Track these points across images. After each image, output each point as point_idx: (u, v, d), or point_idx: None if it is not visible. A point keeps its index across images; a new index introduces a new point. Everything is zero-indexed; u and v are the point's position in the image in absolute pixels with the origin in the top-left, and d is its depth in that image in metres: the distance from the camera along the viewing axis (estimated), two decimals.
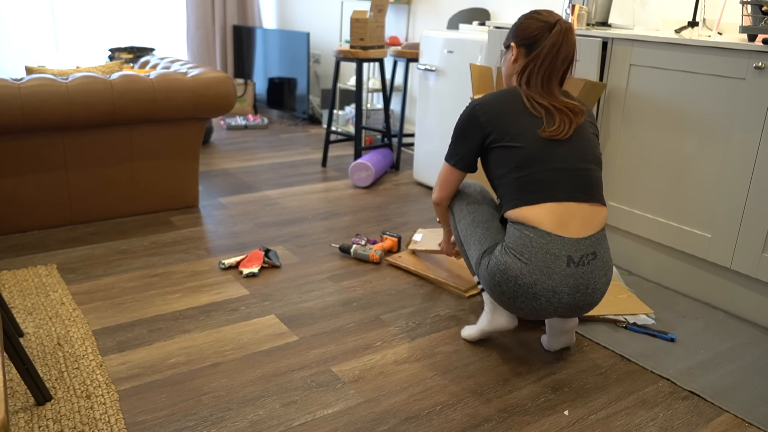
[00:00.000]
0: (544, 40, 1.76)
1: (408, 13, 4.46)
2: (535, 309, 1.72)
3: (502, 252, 1.72)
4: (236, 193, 3.40)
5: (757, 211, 2.11)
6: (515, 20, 1.81)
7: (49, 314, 2.07)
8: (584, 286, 1.70)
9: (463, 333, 2.02)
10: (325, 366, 1.86)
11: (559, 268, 1.67)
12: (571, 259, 1.67)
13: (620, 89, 2.46)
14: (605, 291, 1.77)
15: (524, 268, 1.67)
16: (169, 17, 5.44)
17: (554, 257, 1.66)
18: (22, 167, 2.65)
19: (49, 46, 4.91)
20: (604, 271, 1.74)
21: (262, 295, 2.27)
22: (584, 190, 1.72)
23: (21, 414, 1.59)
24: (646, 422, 1.67)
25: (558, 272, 1.67)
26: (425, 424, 1.62)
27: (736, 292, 2.24)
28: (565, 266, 1.67)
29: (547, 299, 1.69)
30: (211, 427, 1.58)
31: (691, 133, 2.27)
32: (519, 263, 1.68)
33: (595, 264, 1.71)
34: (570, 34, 1.76)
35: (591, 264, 1.70)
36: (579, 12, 2.66)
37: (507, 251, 1.71)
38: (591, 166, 1.75)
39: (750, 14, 2.15)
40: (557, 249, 1.67)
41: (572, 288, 1.68)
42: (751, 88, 2.06)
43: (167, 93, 2.80)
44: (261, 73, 5.42)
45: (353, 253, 2.61)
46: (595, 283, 1.71)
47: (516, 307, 1.75)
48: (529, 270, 1.67)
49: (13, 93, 2.47)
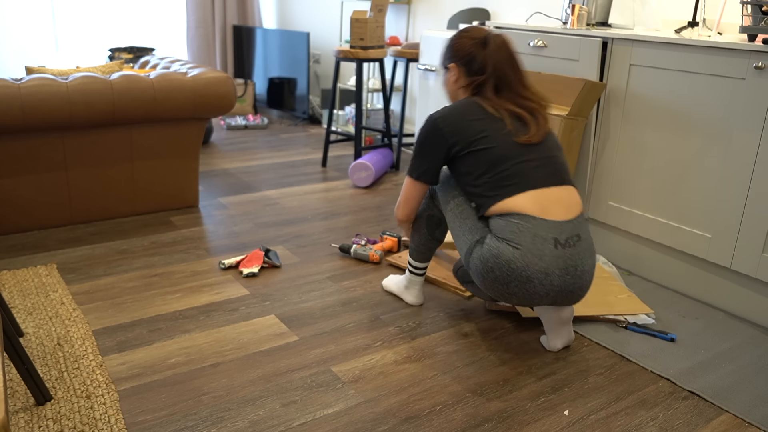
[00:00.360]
0: (479, 56, 1.88)
1: (408, 13, 4.46)
2: (528, 293, 1.76)
3: (493, 239, 1.77)
4: (236, 193, 3.40)
5: (757, 211, 2.11)
6: (447, 41, 1.95)
7: (49, 314, 2.07)
8: (573, 267, 1.76)
9: (384, 282, 2.33)
10: (325, 366, 1.86)
11: (548, 250, 1.73)
12: (557, 241, 1.74)
13: (620, 89, 2.46)
14: (592, 274, 1.83)
15: (516, 252, 1.73)
16: (169, 17, 5.44)
17: (542, 240, 1.73)
18: (22, 167, 2.65)
19: (49, 46, 4.91)
20: (590, 253, 1.81)
21: (262, 295, 2.27)
22: (556, 175, 1.83)
23: (21, 414, 1.59)
24: (646, 422, 1.67)
25: (548, 254, 1.73)
26: (425, 424, 1.62)
27: (736, 292, 2.24)
28: (553, 248, 1.73)
29: (540, 281, 1.73)
30: (211, 427, 1.58)
31: (691, 133, 2.27)
32: (510, 248, 1.73)
33: (581, 246, 1.78)
34: (506, 45, 1.89)
35: (577, 246, 1.77)
36: (579, 12, 2.66)
37: (498, 239, 1.77)
38: (556, 153, 1.87)
39: (750, 14, 2.15)
40: (544, 232, 1.74)
41: (562, 269, 1.74)
42: (751, 88, 2.06)
43: (167, 93, 2.80)
44: (261, 73, 5.42)
45: (353, 253, 2.61)
46: (583, 265, 1.78)
47: (509, 292, 1.78)
48: (521, 254, 1.72)
49: (13, 93, 2.47)
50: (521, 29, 2.80)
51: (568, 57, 2.59)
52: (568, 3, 2.77)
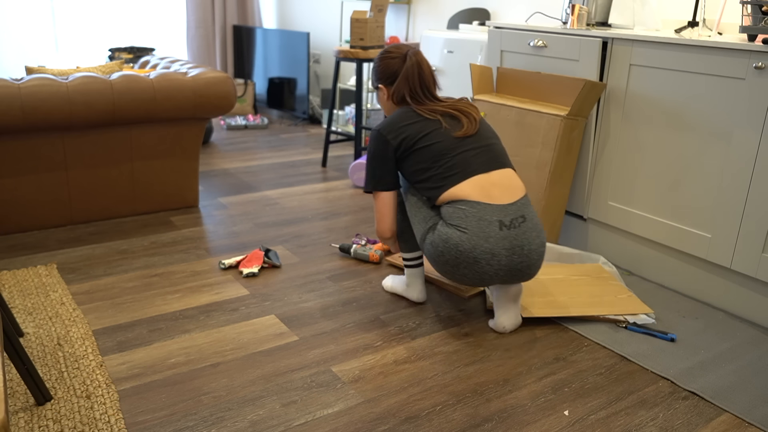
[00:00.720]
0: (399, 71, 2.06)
1: (408, 13, 4.46)
2: (477, 273, 1.89)
3: (443, 226, 1.92)
4: (236, 193, 3.41)
5: (757, 211, 2.11)
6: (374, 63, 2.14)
7: (49, 314, 2.07)
8: (519, 247, 1.89)
9: (384, 281, 2.35)
10: (325, 366, 1.86)
11: (493, 232, 1.87)
12: (502, 223, 1.88)
13: (620, 89, 2.46)
14: (542, 254, 1.96)
15: (463, 236, 1.87)
16: (169, 17, 5.44)
17: (487, 222, 1.87)
18: (22, 167, 2.65)
19: (49, 46, 4.91)
20: (536, 233, 1.93)
21: (262, 295, 2.27)
22: (495, 160, 1.99)
23: (21, 414, 1.59)
24: (646, 422, 1.67)
25: (493, 236, 1.87)
26: (425, 424, 1.62)
27: (736, 292, 2.24)
28: (498, 230, 1.87)
29: (487, 261, 1.87)
30: (211, 427, 1.58)
31: (691, 133, 2.27)
32: (458, 232, 1.88)
33: (526, 226, 1.91)
34: (419, 56, 2.07)
35: (522, 226, 1.91)
36: (579, 12, 2.66)
37: (447, 225, 1.92)
38: (493, 140, 2.03)
39: (750, 14, 2.15)
40: (488, 215, 1.88)
41: (509, 250, 1.88)
42: (751, 88, 2.06)
43: (167, 93, 2.80)
44: (261, 73, 5.42)
45: (353, 253, 2.61)
46: (530, 244, 1.91)
47: (459, 273, 1.92)
48: (467, 237, 1.87)
49: (13, 93, 2.47)
50: (521, 29, 2.80)
51: (568, 57, 2.59)
52: (568, 3, 2.77)
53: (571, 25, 2.68)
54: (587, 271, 2.44)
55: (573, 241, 2.79)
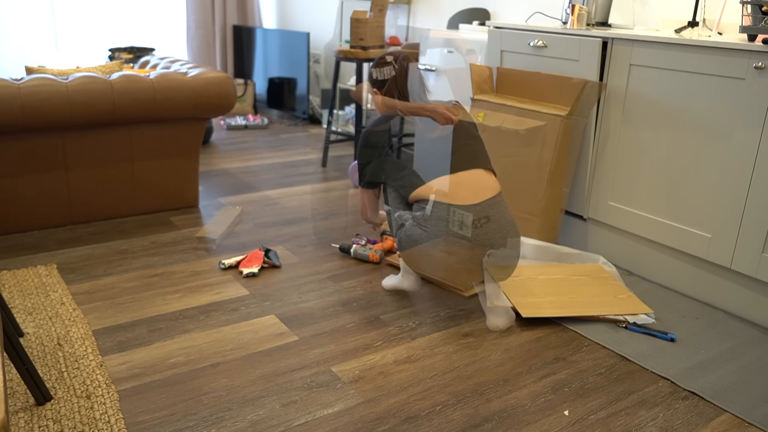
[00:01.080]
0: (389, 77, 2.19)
1: (408, 13, 4.46)
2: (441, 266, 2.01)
3: (411, 223, 2.05)
4: (236, 193, 3.40)
5: (757, 211, 2.11)
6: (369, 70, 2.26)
7: (49, 314, 2.07)
8: (480, 246, 1.98)
9: (384, 281, 2.37)
10: (325, 366, 1.86)
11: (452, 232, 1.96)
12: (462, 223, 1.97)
13: (620, 89, 2.46)
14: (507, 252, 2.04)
15: (423, 234, 1.99)
16: (169, 17, 5.44)
17: (446, 222, 1.96)
18: (22, 167, 2.65)
19: (49, 46, 4.91)
20: (500, 235, 2.00)
21: (262, 295, 2.27)
22: (465, 160, 2.06)
23: (21, 414, 1.59)
24: (646, 422, 1.67)
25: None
26: (425, 424, 1.62)
27: (736, 292, 2.24)
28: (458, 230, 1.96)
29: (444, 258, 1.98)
30: (211, 427, 1.58)
31: (691, 133, 2.27)
32: (420, 231, 2.00)
33: (489, 227, 1.98)
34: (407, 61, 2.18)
35: (485, 227, 1.97)
36: (579, 12, 2.66)
37: (414, 223, 2.03)
38: (468, 142, 2.10)
39: (750, 14, 2.15)
40: (449, 215, 1.97)
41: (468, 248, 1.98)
42: (751, 88, 2.06)
43: (167, 93, 2.80)
44: (261, 73, 5.42)
45: (353, 253, 2.61)
46: (491, 246, 1.99)
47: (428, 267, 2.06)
48: (427, 235, 1.99)
49: (13, 93, 2.47)
50: (521, 29, 2.80)
51: (568, 57, 2.59)
52: (568, 3, 2.77)
53: (571, 25, 2.68)
54: (587, 271, 2.44)
55: (573, 241, 2.79)
